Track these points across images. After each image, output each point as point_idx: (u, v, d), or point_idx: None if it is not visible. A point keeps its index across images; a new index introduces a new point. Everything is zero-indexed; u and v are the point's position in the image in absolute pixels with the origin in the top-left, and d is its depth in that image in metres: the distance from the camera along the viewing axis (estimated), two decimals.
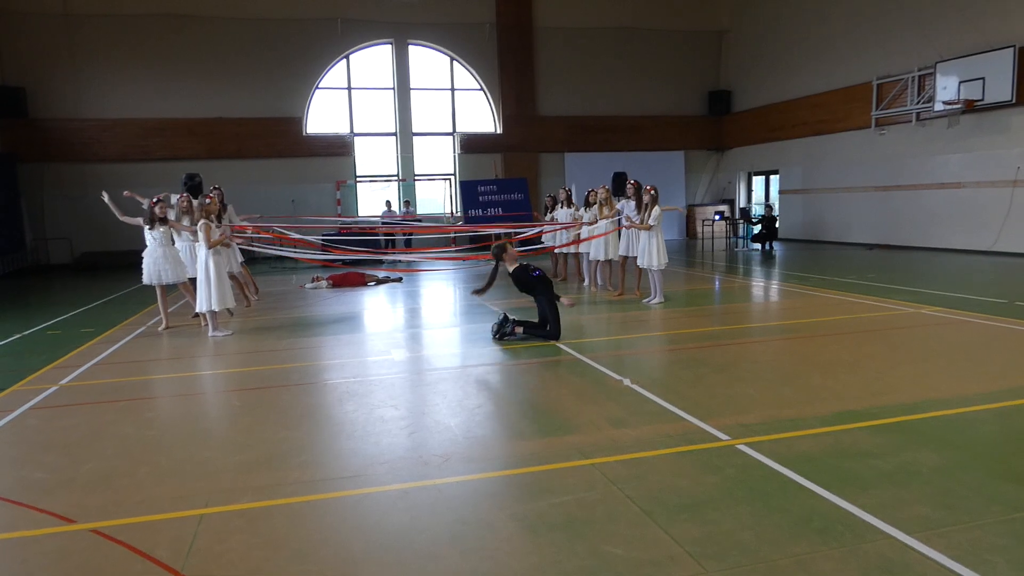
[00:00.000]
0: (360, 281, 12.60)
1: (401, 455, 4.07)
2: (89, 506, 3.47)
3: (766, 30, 21.42)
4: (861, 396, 4.92)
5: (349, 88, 20.81)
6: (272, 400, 5.36)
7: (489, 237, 17.21)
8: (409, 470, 3.84)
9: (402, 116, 21.11)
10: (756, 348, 6.78)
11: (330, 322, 8.89)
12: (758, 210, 21.68)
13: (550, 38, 21.79)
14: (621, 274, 10.38)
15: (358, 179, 21.13)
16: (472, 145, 21.63)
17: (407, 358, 6.76)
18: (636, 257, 9.62)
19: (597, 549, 2.90)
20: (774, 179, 22.13)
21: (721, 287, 11.51)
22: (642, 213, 9.38)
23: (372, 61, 20.98)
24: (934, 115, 15.81)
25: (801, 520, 3.09)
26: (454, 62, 21.41)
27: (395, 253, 16.18)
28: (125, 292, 12.34)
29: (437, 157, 21.85)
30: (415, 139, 21.39)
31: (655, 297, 9.36)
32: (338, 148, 20.65)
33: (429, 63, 21.39)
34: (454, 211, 21.17)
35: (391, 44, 20.81)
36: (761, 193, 23.05)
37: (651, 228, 9.14)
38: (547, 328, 7.18)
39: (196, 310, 8.25)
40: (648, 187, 9.43)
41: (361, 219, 19.87)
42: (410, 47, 20.99)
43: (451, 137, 21.76)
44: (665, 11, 22.61)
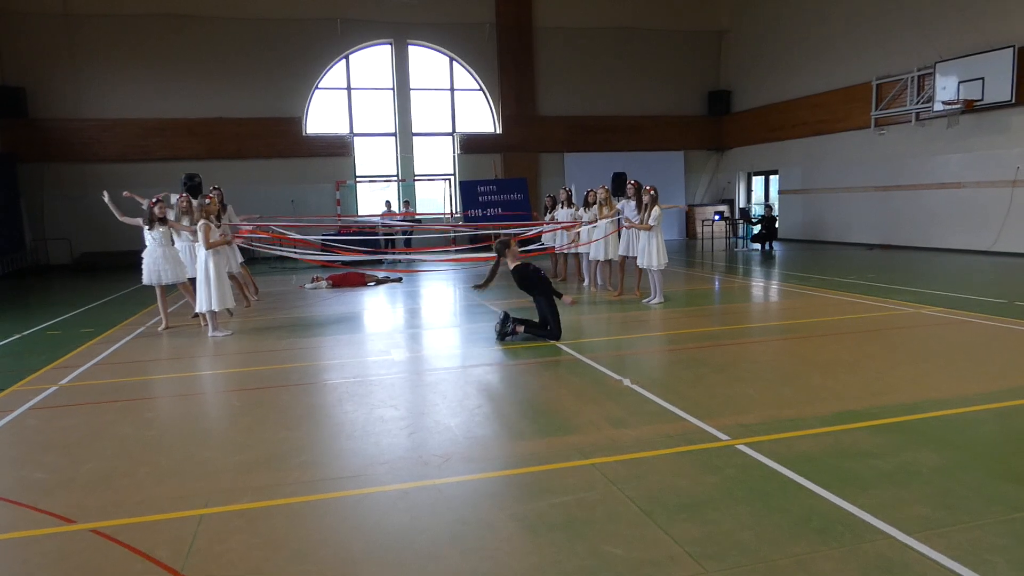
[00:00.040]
0: (360, 281, 12.60)
1: (401, 455, 4.07)
2: (89, 506, 3.47)
3: (766, 30, 21.42)
4: (861, 396, 4.92)
5: (349, 88, 20.81)
6: (272, 400, 5.36)
7: (489, 237, 17.24)
8: (409, 470, 3.84)
9: (402, 116, 21.10)
10: (756, 348, 6.78)
11: (330, 322, 8.89)
12: (758, 210, 21.67)
13: (550, 38, 21.79)
14: (620, 274, 10.39)
15: (358, 179, 21.13)
16: (472, 145, 21.62)
17: (407, 358, 6.76)
18: (636, 257, 9.63)
19: (597, 549, 2.90)
20: (774, 179, 22.13)
21: (721, 287, 11.51)
22: (642, 213, 9.38)
23: (372, 61, 20.98)
24: (934, 115, 15.81)
25: (801, 520, 3.09)
26: (454, 62, 21.40)
27: (395, 253, 16.20)
28: (125, 292, 12.33)
29: (437, 157, 21.84)
30: (415, 139, 21.39)
31: (655, 297, 9.36)
32: (338, 148, 20.65)
33: (429, 63, 21.39)
34: (454, 212, 21.15)
35: (391, 44, 20.81)
36: (761, 193, 23.05)
37: (651, 228, 9.14)
38: (548, 328, 7.19)
39: (196, 310, 8.25)
40: (648, 187, 9.44)
41: (361, 218, 19.88)
42: (410, 47, 20.99)
43: (451, 137, 21.76)
44: (665, 11, 22.61)
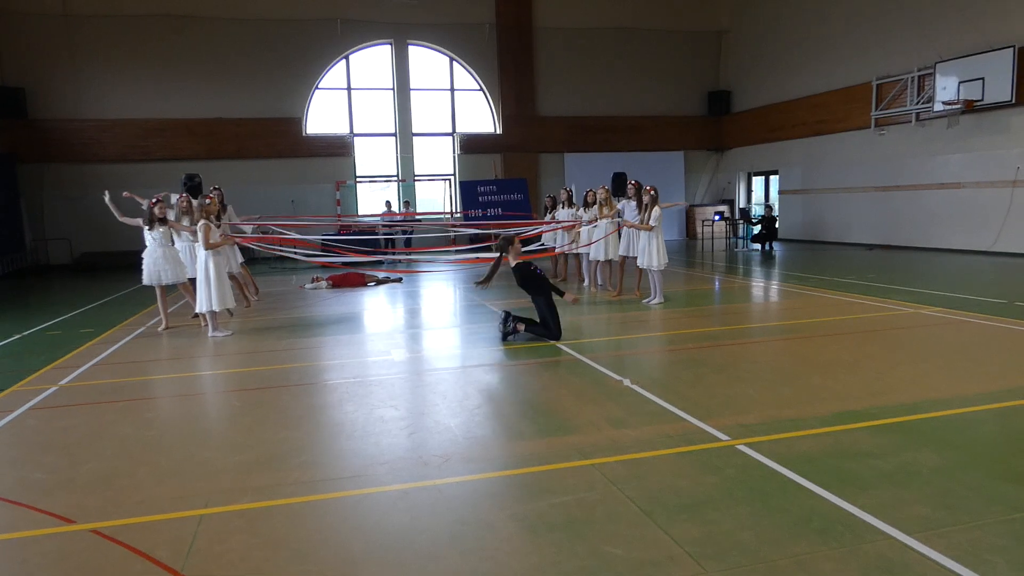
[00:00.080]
0: (360, 281, 12.60)
1: (401, 455, 4.07)
2: (89, 506, 3.46)
3: (766, 30, 21.42)
4: (861, 396, 4.92)
5: (349, 88, 20.81)
6: (272, 400, 5.36)
7: (488, 237, 17.24)
8: (409, 470, 3.84)
9: (402, 116, 21.10)
10: (756, 348, 6.78)
11: (330, 322, 8.88)
12: (758, 210, 21.67)
13: (550, 38, 21.78)
14: (620, 274, 10.39)
15: (358, 179, 21.13)
16: (472, 145, 21.62)
17: (407, 358, 6.76)
18: (636, 257, 9.63)
19: (597, 549, 2.90)
20: (774, 179, 22.12)
21: (721, 287, 11.51)
22: (642, 213, 9.38)
23: (372, 61, 20.98)
24: (934, 115, 15.81)
25: (801, 520, 3.09)
26: (454, 62, 21.40)
27: (395, 253, 16.19)
28: (125, 292, 12.33)
29: (437, 157, 21.84)
30: (415, 139, 21.39)
31: (655, 297, 9.36)
32: (338, 148, 20.65)
33: (429, 63, 21.38)
34: (454, 211, 21.15)
35: (391, 44, 20.81)
36: (761, 193, 23.05)
37: (652, 229, 9.14)
38: (548, 328, 7.20)
39: (196, 310, 8.25)
40: (648, 187, 9.44)
41: (361, 218, 19.87)
42: (410, 47, 20.99)
43: (451, 137, 21.76)
44: (665, 11, 22.61)
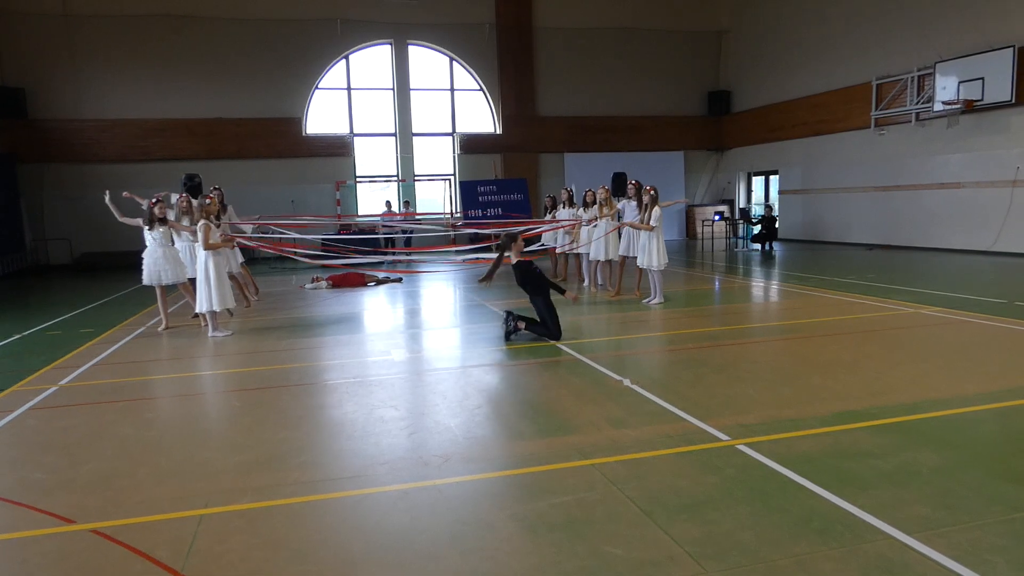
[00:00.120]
0: (360, 281, 12.60)
1: (401, 455, 4.07)
2: (89, 506, 3.46)
3: (766, 30, 21.42)
4: (861, 396, 4.92)
5: (349, 88, 20.81)
6: (272, 400, 5.36)
7: (488, 237, 17.23)
8: (409, 470, 3.84)
9: (402, 116, 21.10)
10: (756, 348, 6.78)
11: (330, 323, 8.88)
12: (758, 210, 21.68)
13: (550, 38, 21.78)
14: (619, 273, 10.38)
15: (358, 179, 21.13)
16: (472, 145, 21.62)
17: (407, 358, 6.76)
18: (636, 257, 9.63)
19: (597, 549, 2.90)
20: (774, 179, 22.12)
21: (721, 287, 11.51)
22: (642, 213, 9.38)
23: (371, 61, 20.98)
24: (934, 115, 15.81)
25: (801, 520, 3.09)
26: (454, 62, 21.40)
27: (395, 253, 16.18)
28: (125, 293, 12.33)
29: (437, 157, 21.84)
30: (415, 139, 21.39)
31: (655, 297, 9.36)
32: (338, 148, 20.65)
33: (429, 63, 21.38)
34: (453, 212, 21.14)
35: (391, 44, 20.81)
36: (761, 193, 23.05)
37: (652, 229, 9.14)
38: (547, 327, 7.20)
39: (196, 310, 8.25)
40: (648, 187, 9.44)
41: (361, 219, 19.86)
42: (410, 47, 20.99)
43: (451, 137, 21.76)
44: (665, 11, 22.61)
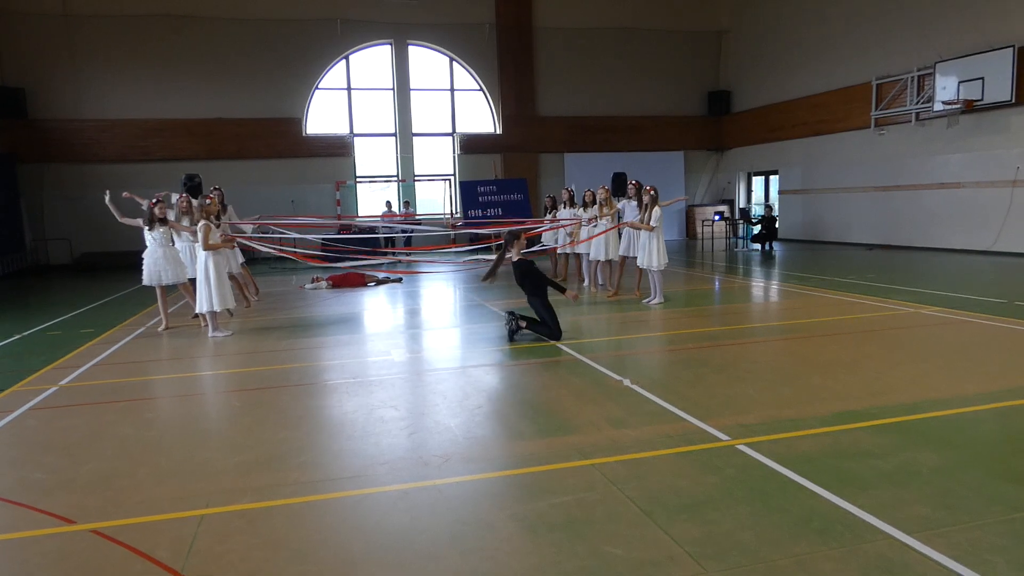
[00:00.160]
0: (360, 282, 12.60)
1: (401, 455, 4.07)
2: (89, 507, 3.46)
3: (766, 30, 21.42)
4: (861, 396, 4.92)
5: (349, 89, 20.82)
6: (272, 401, 5.36)
7: (488, 237, 17.22)
8: (409, 470, 3.84)
9: (402, 117, 21.11)
10: (756, 348, 6.78)
11: (330, 323, 8.89)
12: (758, 210, 21.68)
13: (550, 38, 21.78)
14: (618, 273, 10.38)
15: (358, 179, 21.13)
16: (472, 145, 21.63)
17: (407, 359, 6.76)
18: (636, 257, 9.63)
19: (597, 549, 2.90)
20: (774, 179, 22.13)
21: (721, 287, 11.52)
22: (642, 213, 9.38)
23: (371, 62, 20.98)
24: (933, 115, 15.81)
25: (801, 520, 3.09)
26: (454, 62, 21.41)
27: (395, 253, 16.17)
28: (125, 293, 12.33)
29: (437, 158, 21.84)
30: (415, 140, 21.40)
31: (655, 297, 9.36)
32: (338, 149, 20.65)
33: (429, 63, 21.39)
34: (454, 212, 21.14)
35: (391, 45, 20.81)
36: (761, 193, 23.05)
37: (653, 229, 9.14)
38: (547, 327, 7.21)
39: (196, 311, 8.25)
40: (648, 187, 9.44)
41: (361, 219, 19.85)
42: (410, 48, 21.00)
43: (451, 138, 21.76)
44: (665, 11, 22.62)
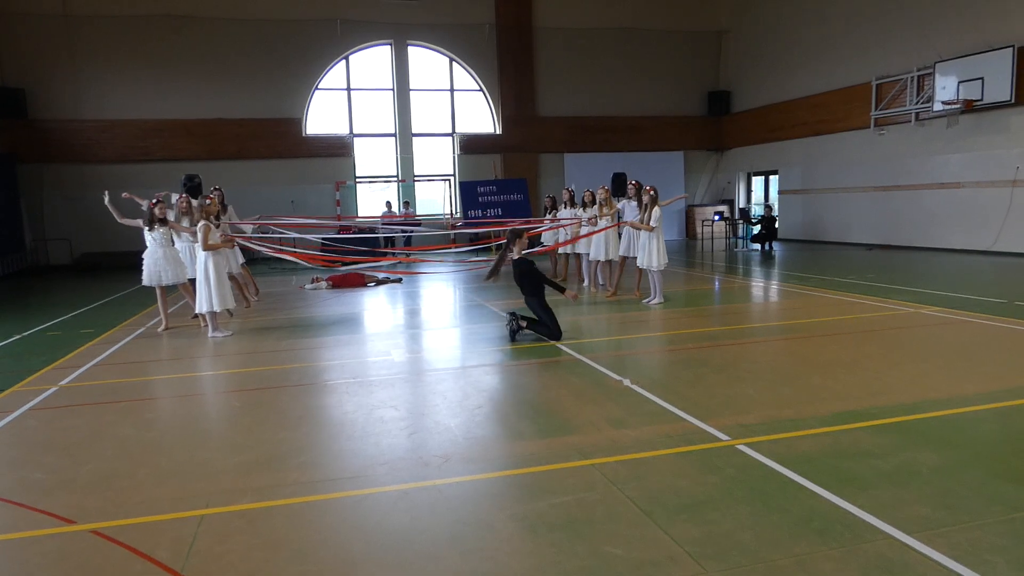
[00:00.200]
0: (360, 282, 12.60)
1: (401, 456, 4.07)
2: (89, 507, 3.46)
3: (766, 30, 21.43)
4: (861, 396, 4.92)
5: (348, 89, 20.82)
6: (272, 401, 5.36)
7: (489, 236, 17.24)
8: (409, 471, 3.84)
9: (401, 117, 21.11)
10: (756, 348, 6.78)
11: (330, 323, 8.89)
12: (758, 210, 21.68)
13: (550, 38, 21.79)
14: (617, 273, 10.38)
15: (358, 180, 21.14)
16: (472, 146, 21.63)
17: (407, 359, 6.76)
18: (636, 257, 9.63)
19: (597, 549, 2.90)
20: (773, 179, 22.13)
21: (721, 287, 11.52)
22: (642, 213, 9.39)
23: (371, 62, 20.98)
24: (933, 115, 15.81)
25: (801, 520, 3.09)
26: (453, 63, 21.41)
27: (395, 253, 16.17)
28: (125, 293, 12.33)
29: (437, 158, 21.85)
30: (415, 140, 21.40)
31: (655, 298, 9.36)
32: (338, 149, 20.65)
33: (428, 64, 21.39)
34: (453, 212, 21.15)
35: (390, 45, 20.81)
36: (760, 193, 23.05)
37: (652, 229, 9.14)
38: (547, 327, 7.21)
39: (195, 311, 8.25)
40: (648, 187, 9.44)
41: (361, 220, 19.85)
42: (409, 48, 21.00)
43: (451, 138, 21.76)
44: (665, 11, 22.62)
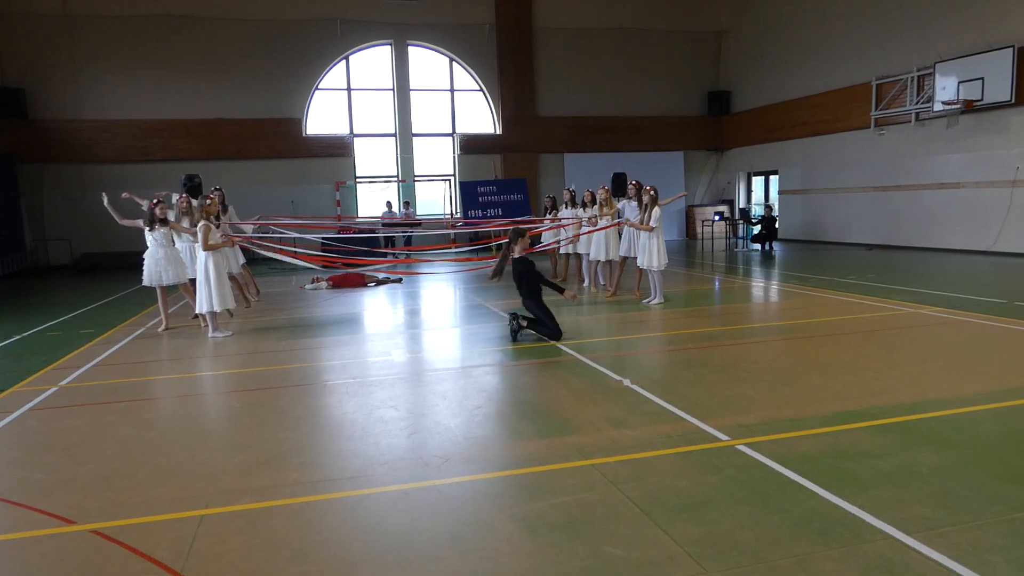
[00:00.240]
0: (360, 282, 12.60)
1: (401, 456, 4.07)
2: (89, 507, 3.46)
3: (766, 30, 21.43)
4: (860, 396, 4.92)
5: (349, 89, 20.82)
6: (272, 401, 5.36)
7: (489, 236, 17.24)
8: (409, 471, 3.84)
9: (402, 117, 21.11)
10: (756, 348, 6.78)
11: (330, 323, 8.89)
12: (758, 210, 21.68)
13: (550, 38, 21.79)
14: (618, 273, 10.38)
15: (358, 180, 21.14)
16: (472, 146, 21.62)
17: (407, 359, 6.76)
18: (636, 257, 9.63)
19: (597, 550, 2.90)
20: (773, 179, 22.13)
21: (721, 288, 11.52)
22: (642, 213, 9.39)
23: (371, 62, 20.98)
24: (933, 115, 15.81)
25: (801, 520, 3.09)
26: (453, 63, 21.41)
27: (395, 254, 16.16)
28: (125, 293, 12.33)
29: (437, 158, 21.85)
30: (415, 140, 21.40)
31: (655, 298, 9.36)
32: (338, 149, 20.65)
33: (428, 64, 21.39)
34: (454, 212, 21.15)
35: (390, 45, 20.81)
36: (761, 193, 23.05)
37: (652, 229, 9.14)
38: (546, 327, 7.21)
39: (196, 311, 8.25)
40: (648, 187, 9.44)
41: (361, 221, 19.85)
42: (409, 48, 21.00)
43: (451, 138, 21.77)
44: (665, 11, 22.62)
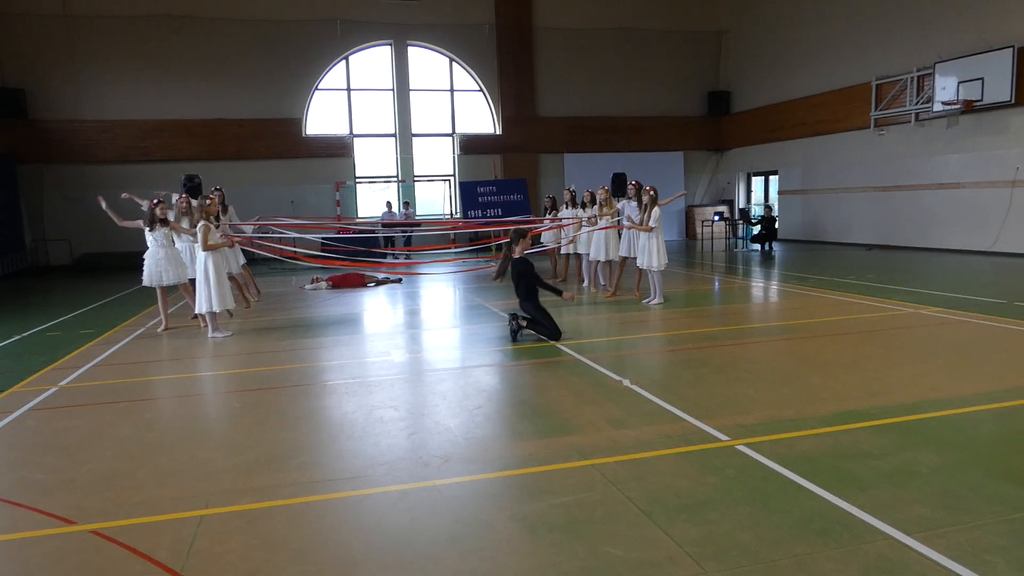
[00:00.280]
0: (360, 282, 12.60)
1: (401, 456, 4.08)
2: (89, 507, 3.47)
3: (766, 30, 21.43)
4: (860, 396, 4.92)
5: (348, 89, 20.81)
6: (272, 401, 5.36)
7: (488, 236, 17.25)
8: (409, 471, 3.84)
9: (401, 117, 21.10)
10: (755, 349, 6.78)
11: (330, 323, 8.89)
12: (757, 211, 21.68)
13: (550, 39, 21.79)
14: (617, 273, 10.38)
15: (358, 180, 21.13)
16: (472, 146, 21.62)
17: (407, 359, 6.76)
18: (636, 258, 9.63)
19: (597, 550, 2.90)
20: (773, 179, 22.13)
21: (720, 288, 11.52)
22: (642, 214, 9.39)
23: (371, 62, 20.98)
24: (933, 115, 15.81)
25: (801, 521, 3.09)
26: (453, 63, 21.41)
27: (395, 254, 16.17)
28: (125, 293, 12.33)
29: (437, 158, 21.84)
30: (415, 140, 21.40)
31: (655, 298, 9.36)
32: (338, 149, 20.64)
33: (428, 64, 21.39)
34: (453, 212, 21.16)
35: (390, 45, 20.81)
36: (760, 194, 23.05)
37: (651, 230, 9.14)
38: (545, 327, 7.21)
39: (195, 311, 8.25)
40: (648, 188, 9.44)
41: (363, 220, 19.86)
42: (409, 48, 20.99)
43: (451, 138, 21.76)
44: (665, 11, 22.62)
